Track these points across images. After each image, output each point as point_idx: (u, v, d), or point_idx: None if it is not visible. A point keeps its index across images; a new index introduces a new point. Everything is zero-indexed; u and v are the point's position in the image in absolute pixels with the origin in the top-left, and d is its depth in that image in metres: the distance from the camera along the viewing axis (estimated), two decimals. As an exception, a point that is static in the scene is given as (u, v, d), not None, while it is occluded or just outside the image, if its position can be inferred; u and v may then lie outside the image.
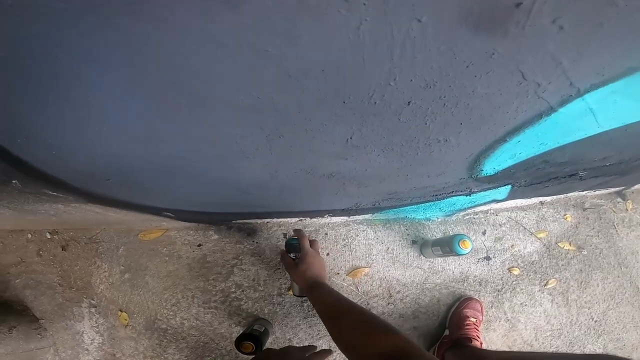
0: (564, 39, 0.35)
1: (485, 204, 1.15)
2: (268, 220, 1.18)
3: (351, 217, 1.21)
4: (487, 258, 1.26)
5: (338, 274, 1.22)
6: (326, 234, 1.23)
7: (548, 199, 1.30)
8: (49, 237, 1.11)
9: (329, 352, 0.83)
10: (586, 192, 1.28)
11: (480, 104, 0.47)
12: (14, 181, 0.63)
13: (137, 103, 0.42)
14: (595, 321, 1.34)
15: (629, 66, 0.41)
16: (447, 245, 1.06)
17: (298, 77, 0.39)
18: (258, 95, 0.43)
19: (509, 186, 0.96)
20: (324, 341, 1.17)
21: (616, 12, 0.32)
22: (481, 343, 1.11)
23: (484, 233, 1.27)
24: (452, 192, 0.95)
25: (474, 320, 1.17)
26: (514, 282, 1.29)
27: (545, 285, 1.31)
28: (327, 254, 1.22)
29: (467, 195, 0.99)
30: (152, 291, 1.13)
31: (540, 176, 0.89)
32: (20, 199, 0.73)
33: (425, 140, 0.58)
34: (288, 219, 1.19)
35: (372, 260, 1.23)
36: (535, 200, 1.28)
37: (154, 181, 0.72)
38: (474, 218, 1.27)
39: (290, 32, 0.32)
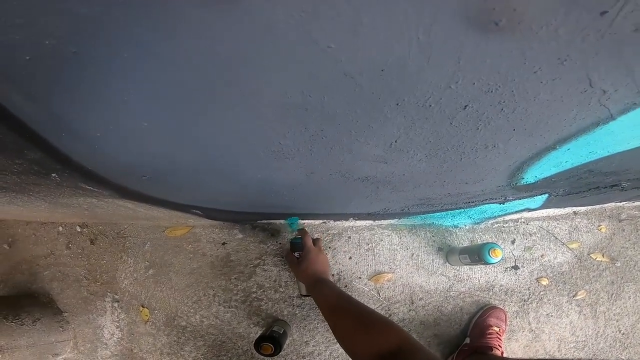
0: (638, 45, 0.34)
1: (516, 212, 1.14)
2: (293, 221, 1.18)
3: (376, 221, 1.21)
4: (515, 267, 1.24)
5: (360, 278, 1.21)
6: (349, 237, 1.22)
7: (582, 209, 1.27)
8: (79, 230, 1.14)
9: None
10: (624, 203, 1.24)
11: (538, 110, 0.46)
12: (53, 175, 0.64)
13: (179, 97, 0.42)
14: (623, 334, 1.31)
15: None
16: (477, 254, 1.05)
17: (354, 76, 0.39)
18: (309, 93, 0.43)
19: (546, 195, 0.95)
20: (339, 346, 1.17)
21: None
22: (502, 353, 1.09)
23: (513, 242, 1.25)
24: (486, 199, 0.94)
25: (497, 329, 1.15)
26: (541, 293, 1.27)
27: (574, 296, 1.28)
28: (350, 258, 1.21)
29: (500, 204, 0.98)
30: (174, 288, 1.15)
31: (581, 186, 0.87)
32: (57, 192, 0.75)
33: (473, 145, 0.57)
34: (312, 221, 1.19)
35: (396, 266, 1.22)
36: (568, 210, 1.25)
37: (188, 179, 0.73)
38: (504, 226, 1.25)
39: (356, 24, 0.31)
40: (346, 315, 0.71)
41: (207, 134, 0.52)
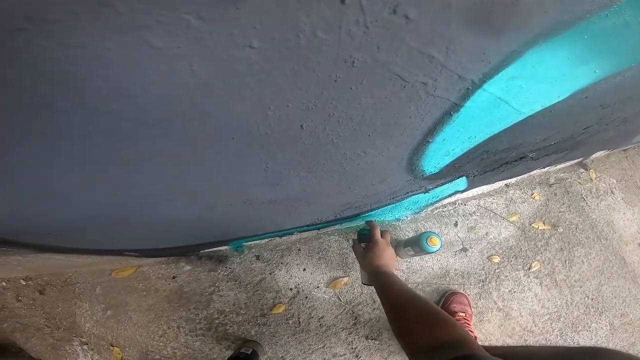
0: (418, 30, 0.30)
1: (448, 196, 1.10)
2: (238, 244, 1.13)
3: (321, 230, 1.16)
4: (464, 249, 1.21)
5: (318, 287, 1.17)
6: (299, 249, 1.18)
7: (512, 180, 1.25)
8: (24, 283, 1.09)
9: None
10: (547, 168, 1.22)
11: (375, 113, 0.43)
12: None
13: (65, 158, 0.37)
14: (592, 299, 1.28)
15: (512, 50, 0.37)
16: (417, 245, 1.01)
17: (163, 125, 0.35)
18: (137, 146, 0.38)
19: (463, 177, 0.91)
20: (317, 355, 1.13)
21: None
22: (475, 337, 1.05)
23: (455, 225, 1.22)
24: (407, 192, 0.90)
25: (463, 314, 1.11)
26: (496, 271, 1.23)
27: (529, 269, 1.25)
28: (304, 269, 1.17)
29: (425, 193, 0.95)
30: (137, 325, 1.10)
31: (490, 164, 0.84)
32: None
33: (343, 156, 0.53)
34: (257, 241, 1.14)
35: (349, 268, 1.18)
36: (500, 183, 1.23)
37: (96, 231, 0.68)
38: (443, 211, 1.22)
39: (120, 90, 0.28)
40: (409, 309, 0.68)
41: (80, 192, 0.47)
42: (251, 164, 0.50)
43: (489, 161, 0.80)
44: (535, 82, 0.47)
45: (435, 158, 0.66)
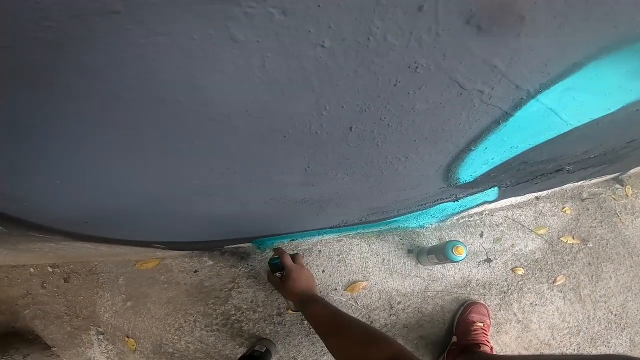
0: (487, 40, 0.30)
1: (477, 206, 1.08)
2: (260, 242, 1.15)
3: (343, 233, 1.16)
4: (488, 260, 1.18)
5: (336, 289, 1.16)
6: (320, 251, 1.18)
7: (543, 193, 1.21)
8: (51, 270, 1.12)
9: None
10: (581, 182, 1.19)
11: (426, 119, 0.43)
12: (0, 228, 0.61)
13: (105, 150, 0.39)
14: (615, 315, 1.23)
15: (574, 62, 0.36)
16: (441, 253, 0.99)
17: (223, 120, 0.36)
18: (193, 140, 0.39)
19: (496, 187, 0.90)
20: (329, 357, 1.12)
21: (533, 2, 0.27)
22: (491, 348, 1.03)
23: (481, 235, 1.20)
24: (437, 200, 0.89)
25: (481, 324, 1.09)
26: (519, 283, 1.20)
27: (553, 282, 1.21)
28: (323, 271, 1.17)
29: (454, 201, 0.93)
30: (154, 317, 1.12)
31: (525, 175, 0.82)
32: (11, 240, 0.73)
33: (384, 159, 0.53)
34: (280, 241, 1.15)
35: (369, 273, 1.17)
36: (530, 196, 1.19)
37: (132, 222, 0.70)
38: (469, 221, 1.19)
39: (192, 82, 0.29)
40: (339, 332, 0.69)
41: (127, 182, 0.49)
42: (295, 163, 0.51)
43: (525, 172, 0.79)
44: (590, 94, 0.45)
45: (473, 166, 0.65)
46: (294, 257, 0.94)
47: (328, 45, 0.29)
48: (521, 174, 0.80)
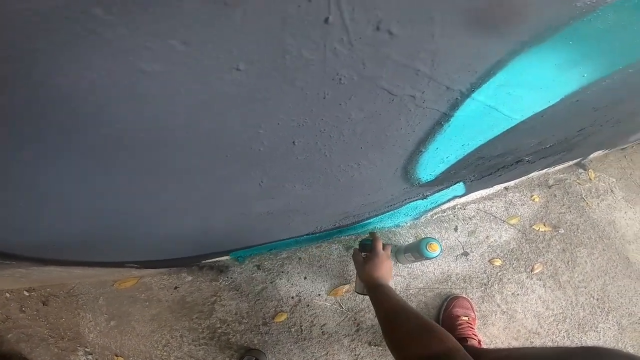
0: (402, 44, 0.30)
1: (448, 201, 1.10)
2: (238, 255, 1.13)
3: (321, 238, 1.16)
4: (465, 254, 1.20)
5: (319, 295, 1.16)
6: (300, 258, 1.17)
7: (511, 183, 1.24)
8: (27, 294, 1.09)
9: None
10: (546, 169, 1.22)
11: (366, 127, 0.43)
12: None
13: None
14: (597, 299, 1.25)
15: (497, 59, 0.37)
16: (416, 251, 1.00)
17: (167, 139, 0.35)
18: (144, 159, 0.38)
19: (461, 183, 0.91)
20: (320, 363, 1.11)
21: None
22: (479, 341, 1.03)
23: (455, 229, 1.21)
24: (406, 199, 0.90)
25: (466, 318, 1.09)
26: (499, 274, 1.22)
27: (531, 271, 1.23)
28: (305, 278, 1.16)
29: (423, 199, 0.94)
30: (140, 335, 1.10)
31: (486, 169, 0.84)
32: None
33: (337, 168, 0.53)
34: (258, 251, 1.14)
35: (350, 276, 1.17)
36: (498, 187, 1.22)
37: (101, 243, 0.69)
38: (443, 216, 1.21)
39: (130, 108, 0.29)
40: (398, 321, 0.71)
41: (89, 204, 0.47)
42: (246, 179, 0.50)
43: (485, 166, 0.80)
44: (524, 89, 0.46)
45: (430, 166, 0.66)
46: (384, 245, 0.94)
47: (244, 68, 0.28)
48: (482, 169, 0.81)
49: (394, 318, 0.72)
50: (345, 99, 0.36)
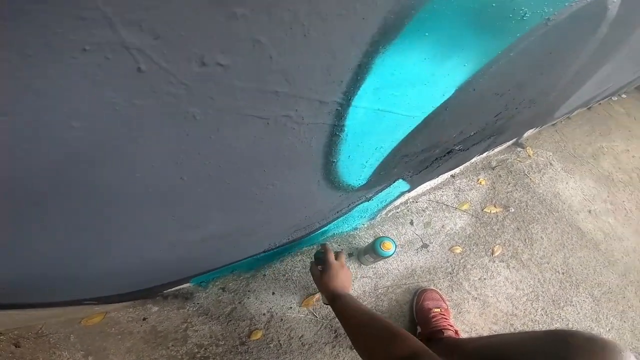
0: (240, 72, 0.30)
1: (397, 198, 1.11)
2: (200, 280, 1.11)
3: (281, 253, 1.15)
4: (425, 246, 1.22)
5: (291, 307, 1.15)
6: (264, 275, 1.16)
7: (456, 170, 1.27)
8: None
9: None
10: (486, 153, 1.26)
11: (256, 151, 0.43)
12: None
13: None
14: (563, 273, 1.27)
15: (357, 63, 0.37)
16: (373, 252, 1.01)
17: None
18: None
19: (400, 180, 0.93)
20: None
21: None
22: (456, 331, 1.03)
23: (411, 223, 1.23)
24: (350, 204, 0.91)
25: (438, 310, 1.10)
26: (461, 261, 1.24)
27: (492, 254, 1.26)
28: (273, 293, 1.15)
29: (368, 201, 0.95)
30: None
31: (419, 164, 0.85)
32: None
33: (250, 193, 0.53)
34: (219, 274, 1.12)
35: (318, 285, 1.16)
36: (445, 176, 1.25)
37: (48, 285, 0.65)
38: (397, 212, 1.23)
39: None
40: (363, 329, 0.72)
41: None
42: (153, 218, 0.49)
43: (416, 162, 0.82)
44: (407, 88, 0.47)
45: (354, 172, 0.67)
46: (337, 254, 0.95)
47: (79, 125, 0.28)
48: (413, 164, 0.83)
49: (356, 327, 0.74)
50: (212, 132, 0.35)
